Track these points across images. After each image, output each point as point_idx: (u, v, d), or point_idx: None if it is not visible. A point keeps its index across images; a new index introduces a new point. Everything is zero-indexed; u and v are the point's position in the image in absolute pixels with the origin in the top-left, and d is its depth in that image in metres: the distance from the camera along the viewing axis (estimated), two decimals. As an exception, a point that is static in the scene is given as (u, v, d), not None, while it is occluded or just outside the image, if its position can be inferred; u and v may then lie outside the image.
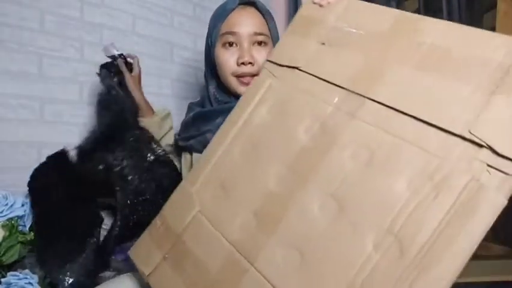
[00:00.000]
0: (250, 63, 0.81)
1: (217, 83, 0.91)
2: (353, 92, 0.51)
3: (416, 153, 0.44)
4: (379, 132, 0.47)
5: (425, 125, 0.44)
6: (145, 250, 0.60)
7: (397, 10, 0.55)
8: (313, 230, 0.46)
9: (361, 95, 0.50)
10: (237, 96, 0.86)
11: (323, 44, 0.58)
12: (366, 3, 0.59)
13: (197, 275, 0.53)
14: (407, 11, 1.22)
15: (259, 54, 0.83)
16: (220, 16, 0.85)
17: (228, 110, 0.83)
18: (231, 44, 0.83)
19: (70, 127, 1.11)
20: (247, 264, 0.49)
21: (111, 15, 1.22)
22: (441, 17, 1.38)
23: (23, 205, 0.83)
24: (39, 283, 0.71)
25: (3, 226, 0.76)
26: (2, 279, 0.70)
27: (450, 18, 1.48)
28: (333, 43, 0.57)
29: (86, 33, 1.16)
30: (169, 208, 0.62)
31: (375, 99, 0.49)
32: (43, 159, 1.05)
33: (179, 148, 0.96)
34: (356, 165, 0.47)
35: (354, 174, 0.47)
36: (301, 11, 0.64)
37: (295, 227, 0.48)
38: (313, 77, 0.56)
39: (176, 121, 1.07)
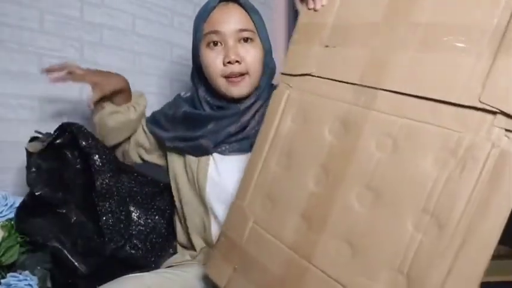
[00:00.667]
0: (237, 61, 0.78)
1: (206, 86, 0.87)
2: (364, 86, 0.53)
3: (435, 131, 0.45)
4: (396, 119, 0.49)
5: (437, 103, 0.45)
6: (217, 266, 0.68)
7: None
8: (357, 221, 0.50)
9: (372, 87, 0.52)
10: (227, 99, 0.84)
11: (327, 46, 0.60)
12: None
13: (264, 280, 0.59)
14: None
15: (246, 51, 0.80)
16: (202, 15, 0.82)
17: (221, 117, 0.82)
18: (215, 44, 0.80)
19: (69, 127, 1.11)
20: (306, 263, 0.54)
21: (111, 15, 1.22)
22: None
23: (22, 205, 0.83)
24: (38, 284, 0.71)
25: (2, 226, 0.76)
26: (2, 280, 0.70)
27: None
28: (335, 43, 0.59)
29: (86, 33, 1.16)
30: (227, 225, 0.69)
31: (386, 88, 0.51)
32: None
33: (160, 143, 0.93)
34: (383, 154, 0.49)
35: (382, 162, 0.49)
36: (301, 19, 0.67)
37: (341, 221, 0.52)
38: (326, 80, 0.59)
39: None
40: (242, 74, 0.80)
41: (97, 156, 0.86)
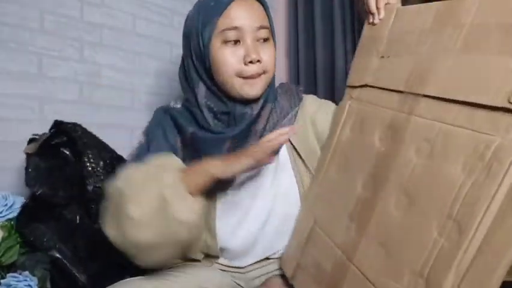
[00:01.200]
0: (258, 60, 0.72)
1: (206, 87, 0.77)
2: (408, 92, 0.56)
3: (468, 135, 0.45)
4: (435, 124, 0.50)
5: (473, 107, 0.45)
6: (286, 260, 0.77)
7: (437, 2, 0.57)
8: (392, 225, 0.52)
9: (416, 94, 0.54)
10: (235, 99, 0.75)
11: (382, 57, 0.65)
12: (411, 6, 0.63)
13: (320, 275, 0.64)
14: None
15: (264, 52, 0.74)
16: (216, 9, 0.72)
17: (237, 135, 0.73)
18: (234, 40, 0.72)
19: (69, 127, 1.11)
20: (349, 263, 0.58)
21: (111, 15, 1.22)
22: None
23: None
24: (38, 285, 0.71)
25: (2, 227, 0.76)
26: (2, 281, 0.70)
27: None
28: (389, 53, 0.64)
29: (86, 33, 1.16)
30: (296, 224, 0.77)
31: (428, 93, 0.52)
32: (43, 159, 1.05)
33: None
34: (420, 158, 0.50)
35: (419, 167, 0.50)
36: (364, 33, 0.73)
37: (379, 225, 0.54)
38: (379, 89, 0.63)
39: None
40: (259, 74, 0.74)
41: (87, 158, 0.85)
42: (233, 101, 0.75)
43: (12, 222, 0.78)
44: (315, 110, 0.83)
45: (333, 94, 1.73)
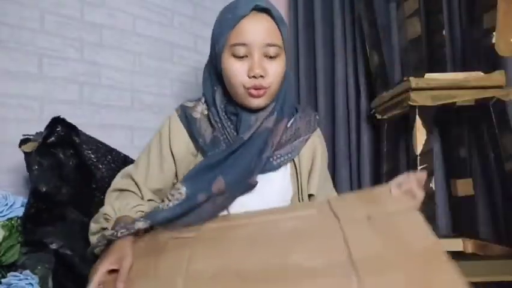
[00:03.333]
0: (261, 76, 0.75)
1: (223, 91, 0.83)
2: None
3: None
4: None
5: None
6: None
7: None
8: None
9: None
10: (243, 107, 0.80)
11: None
12: None
13: None
14: (407, 11, 1.22)
15: (270, 67, 0.76)
16: (229, 22, 0.76)
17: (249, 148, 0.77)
18: (241, 56, 0.76)
19: (69, 127, 1.11)
20: None
21: (111, 15, 1.22)
22: (441, 17, 1.39)
23: (22, 205, 0.82)
24: (39, 283, 0.71)
25: (3, 226, 0.76)
26: (3, 280, 0.70)
27: (450, 18, 1.48)
28: None
29: (86, 33, 1.16)
30: None
31: None
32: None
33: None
34: None
35: None
36: None
37: None
38: None
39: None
40: (263, 88, 0.77)
41: (90, 151, 0.85)
42: (240, 107, 0.80)
43: (12, 222, 0.78)
44: (317, 147, 0.88)
45: (333, 93, 1.73)
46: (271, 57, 0.76)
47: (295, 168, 0.85)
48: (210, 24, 0.85)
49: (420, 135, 1.15)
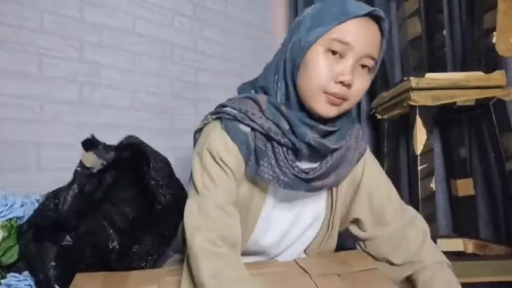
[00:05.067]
0: (349, 84, 0.66)
1: (286, 89, 0.72)
2: None
3: None
4: None
5: None
6: None
7: None
8: None
9: None
10: (306, 110, 0.70)
11: None
12: None
13: None
14: (407, 11, 1.22)
15: (359, 80, 0.68)
16: (335, 15, 0.66)
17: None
18: (334, 53, 0.66)
19: (69, 127, 1.11)
20: None
21: (111, 15, 1.22)
22: (441, 17, 1.38)
23: (22, 205, 0.82)
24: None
25: (2, 227, 0.76)
26: (2, 281, 0.70)
27: (450, 18, 1.48)
28: None
29: (86, 33, 1.16)
30: None
31: None
32: (43, 159, 1.05)
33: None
34: None
35: None
36: None
37: None
38: None
39: (176, 122, 1.07)
40: (342, 98, 0.68)
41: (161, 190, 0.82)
42: (304, 111, 0.71)
43: (12, 222, 0.78)
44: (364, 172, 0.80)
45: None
46: (364, 68, 0.68)
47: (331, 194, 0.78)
48: (210, 24, 0.85)
49: (420, 135, 1.15)
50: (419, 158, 1.14)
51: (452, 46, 1.47)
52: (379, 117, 1.45)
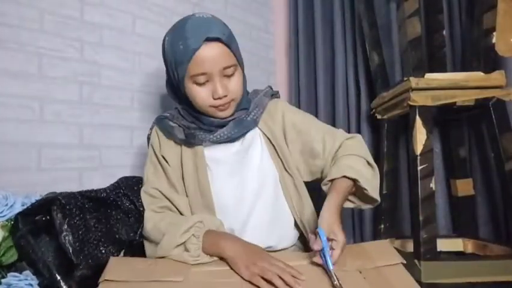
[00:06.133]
0: (225, 95, 0.84)
1: (182, 107, 0.95)
2: None
3: None
4: None
5: None
6: None
7: None
8: None
9: None
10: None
11: None
12: None
13: None
14: (407, 11, 1.22)
15: (230, 83, 0.85)
16: (184, 55, 0.81)
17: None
18: (203, 83, 0.83)
19: (69, 127, 1.11)
20: None
21: (111, 15, 1.22)
22: (441, 17, 1.39)
23: (23, 205, 0.82)
24: (39, 284, 0.71)
25: (2, 226, 0.76)
26: (2, 280, 0.70)
27: (450, 18, 1.48)
28: None
29: (86, 33, 1.16)
30: None
31: None
32: (43, 159, 1.05)
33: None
34: None
35: None
36: None
37: None
38: None
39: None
40: (229, 103, 0.86)
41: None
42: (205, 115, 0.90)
43: (12, 222, 0.78)
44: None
45: (333, 93, 1.73)
46: (229, 76, 0.85)
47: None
48: (210, 24, 0.84)
49: (420, 135, 1.15)
50: (418, 158, 1.14)
51: (451, 46, 1.47)
52: (379, 117, 1.46)
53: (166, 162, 0.92)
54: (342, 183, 0.81)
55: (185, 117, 0.93)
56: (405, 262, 0.73)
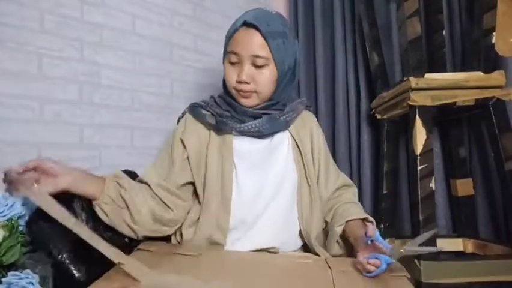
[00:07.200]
0: (246, 82, 0.88)
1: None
2: None
3: None
4: None
5: None
6: None
7: None
8: None
9: None
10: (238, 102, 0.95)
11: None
12: None
13: None
14: (407, 11, 1.22)
15: (258, 75, 0.89)
16: (229, 33, 0.92)
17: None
18: (233, 63, 0.90)
19: (69, 127, 1.11)
20: None
21: (111, 15, 1.22)
22: (441, 17, 1.39)
23: (23, 205, 0.82)
24: (40, 283, 0.71)
25: (3, 226, 0.76)
26: (3, 279, 0.70)
27: (450, 18, 1.48)
28: None
29: (86, 33, 1.16)
30: None
31: None
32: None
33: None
34: None
35: None
36: None
37: None
38: None
39: (176, 122, 1.07)
40: (250, 92, 0.91)
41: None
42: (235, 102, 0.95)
43: (13, 222, 0.78)
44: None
45: (333, 93, 1.73)
46: (258, 67, 0.89)
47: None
48: (210, 24, 0.85)
49: (420, 135, 1.15)
50: (418, 158, 1.14)
51: (451, 46, 1.47)
52: (379, 117, 1.46)
53: (183, 145, 0.94)
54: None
55: (220, 105, 0.96)
56: (409, 276, 0.73)
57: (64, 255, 0.77)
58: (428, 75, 1.18)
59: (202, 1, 1.52)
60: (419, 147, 1.14)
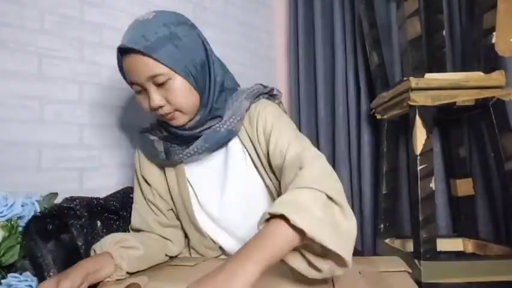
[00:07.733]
0: (160, 106, 0.77)
1: None
2: None
3: None
4: None
5: None
6: None
7: None
8: None
9: None
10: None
11: None
12: None
13: None
14: (407, 11, 1.22)
15: (167, 93, 0.76)
16: (118, 64, 0.80)
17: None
18: (139, 91, 0.78)
19: (69, 127, 1.11)
20: None
21: (111, 15, 1.22)
22: (441, 17, 1.39)
23: (22, 206, 0.82)
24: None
25: (2, 227, 0.76)
26: (2, 281, 0.70)
27: (450, 18, 1.48)
28: None
29: (86, 33, 1.16)
30: None
31: None
32: (43, 159, 1.05)
33: None
34: None
35: None
36: None
37: None
38: None
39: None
40: (173, 112, 0.78)
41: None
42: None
43: (12, 222, 0.78)
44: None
45: (333, 93, 1.73)
46: (161, 85, 0.75)
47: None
48: (210, 24, 0.85)
49: (420, 135, 1.15)
50: (418, 158, 1.14)
51: (451, 46, 1.47)
52: (379, 117, 1.46)
53: (146, 182, 0.91)
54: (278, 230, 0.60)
55: (163, 125, 0.86)
56: (410, 271, 0.72)
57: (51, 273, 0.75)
58: (428, 75, 1.18)
59: (202, 1, 1.52)
60: (419, 147, 1.14)
